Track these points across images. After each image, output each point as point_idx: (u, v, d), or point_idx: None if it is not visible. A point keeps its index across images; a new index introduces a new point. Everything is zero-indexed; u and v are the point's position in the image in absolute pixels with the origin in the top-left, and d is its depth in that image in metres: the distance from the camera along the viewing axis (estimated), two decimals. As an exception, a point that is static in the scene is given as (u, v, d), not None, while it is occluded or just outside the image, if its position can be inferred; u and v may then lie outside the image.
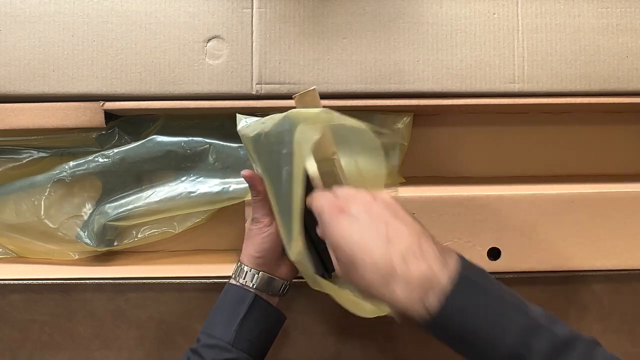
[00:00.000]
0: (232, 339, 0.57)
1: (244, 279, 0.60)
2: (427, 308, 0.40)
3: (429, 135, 0.79)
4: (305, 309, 0.74)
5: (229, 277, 0.62)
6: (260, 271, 0.60)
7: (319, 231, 0.48)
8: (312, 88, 0.57)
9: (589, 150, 0.79)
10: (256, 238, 0.60)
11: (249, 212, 0.65)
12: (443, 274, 0.41)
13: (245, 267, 0.60)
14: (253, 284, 0.59)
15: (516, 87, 0.68)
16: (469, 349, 0.41)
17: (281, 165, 0.55)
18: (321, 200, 0.47)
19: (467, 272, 0.42)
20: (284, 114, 0.56)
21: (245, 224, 0.63)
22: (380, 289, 0.41)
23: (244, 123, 0.59)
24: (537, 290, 0.79)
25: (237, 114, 0.60)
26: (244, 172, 0.60)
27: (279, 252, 0.60)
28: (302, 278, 0.61)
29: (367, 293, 0.42)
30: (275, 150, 0.55)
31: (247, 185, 0.61)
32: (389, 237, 0.41)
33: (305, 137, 0.52)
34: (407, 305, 0.40)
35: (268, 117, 0.58)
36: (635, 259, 0.66)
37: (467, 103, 0.68)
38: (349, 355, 0.75)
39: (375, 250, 0.41)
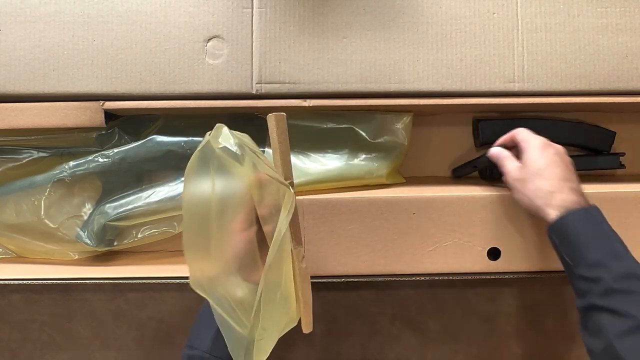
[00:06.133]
0: (209, 347, 0.58)
1: None
2: (555, 216, 0.59)
3: (429, 135, 0.79)
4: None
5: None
6: None
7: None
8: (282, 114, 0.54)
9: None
10: (230, 242, 0.57)
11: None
12: (578, 205, 0.59)
13: None
14: None
15: (516, 87, 0.68)
16: (569, 250, 0.58)
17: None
18: (535, 139, 0.64)
19: (592, 210, 0.59)
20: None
21: None
22: (544, 195, 0.60)
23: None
24: (537, 290, 0.79)
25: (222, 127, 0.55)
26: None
27: (252, 257, 0.58)
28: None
29: (529, 192, 0.61)
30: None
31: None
32: (565, 176, 0.60)
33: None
34: (549, 211, 0.59)
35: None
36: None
37: (467, 103, 0.68)
38: (349, 355, 0.75)
39: (556, 177, 0.61)
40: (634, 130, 0.79)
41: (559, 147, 0.64)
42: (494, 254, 0.66)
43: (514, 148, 0.66)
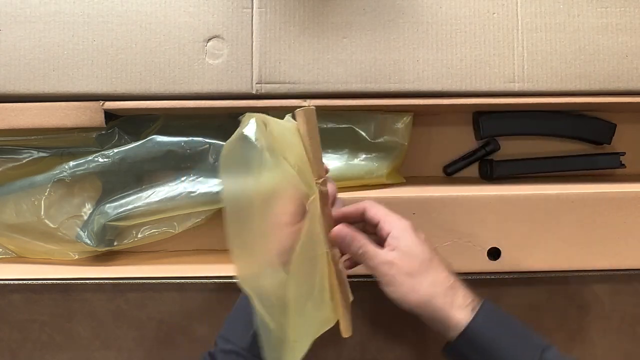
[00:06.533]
0: (248, 345, 0.55)
1: None
2: (465, 320, 0.50)
3: (429, 135, 0.79)
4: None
5: (229, 277, 0.62)
6: None
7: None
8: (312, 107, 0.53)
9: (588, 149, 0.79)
10: (277, 235, 0.54)
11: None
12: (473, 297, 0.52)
13: None
14: None
15: (516, 87, 0.68)
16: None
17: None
18: (402, 220, 0.54)
19: (491, 304, 0.52)
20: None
21: None
22: (442, 297, 0.51)
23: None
24: (537, 290, 0.79)
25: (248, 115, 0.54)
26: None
27: None
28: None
29: (424, 289, 0.51)
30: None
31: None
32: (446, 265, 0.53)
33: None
34: (456, 314, 0.50)
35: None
36: (635, 259, 0.66)
37: (467, 103, 0.68)
38: (349, 355, 0.75)
39: (445, 269, 0.53)
40: (634, 130, 0.79)
41: None
42: (494, 254, 0.66)
43: (362, 223, 0.57)
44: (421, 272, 0.52)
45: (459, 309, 0.51)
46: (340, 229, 0.54)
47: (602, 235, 0.65)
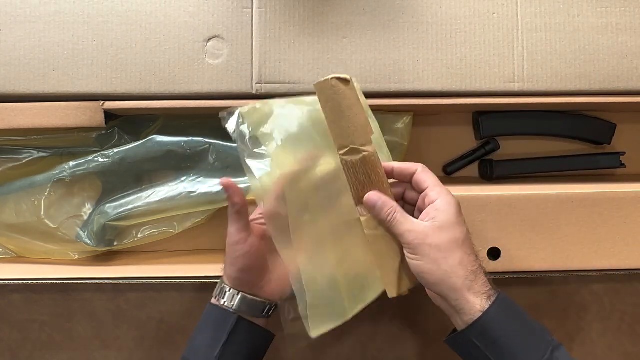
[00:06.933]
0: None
1: (224, 299, 0.56)
2: (480, 307, 0.50)
3: (429, 135, 0.79)
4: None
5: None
6: (240, 292, 0.56)
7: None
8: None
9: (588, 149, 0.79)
10: (232, 256, 0.56)
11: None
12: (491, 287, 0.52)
13: (226, 286, 0.57)
14: (232, 305, 0.56)
15: (516, 87, 0.68)
16: (501, 352, 0.50)
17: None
18: (450, 195, 0.54)
19: (506, 297, 0.52)
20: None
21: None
22: (462, 279, 0.50)
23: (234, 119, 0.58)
24: (537, 290, 0.79)
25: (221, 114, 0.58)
26: (222, 180, 0.55)
27: (259, 271, 0.57)
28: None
29: (447, 266, 0.50)
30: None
31: (248, 185, 0.61)
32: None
33: None
34: (472, 299, 0.50)
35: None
36: (635, 259, 0.66)
37: (467, 103, 0.68)
38: (349, 355, 0.75)
39: (474, 253, 0.53)
40: (634, 130, 0.79)
41: None
42: (494, 254, 0.66)
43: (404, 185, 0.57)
44: (450, 249, 0.50)
45: (475, 295, 0.50)
46: (371, 194, 0.54)
47: (602, 235, 0.65)
